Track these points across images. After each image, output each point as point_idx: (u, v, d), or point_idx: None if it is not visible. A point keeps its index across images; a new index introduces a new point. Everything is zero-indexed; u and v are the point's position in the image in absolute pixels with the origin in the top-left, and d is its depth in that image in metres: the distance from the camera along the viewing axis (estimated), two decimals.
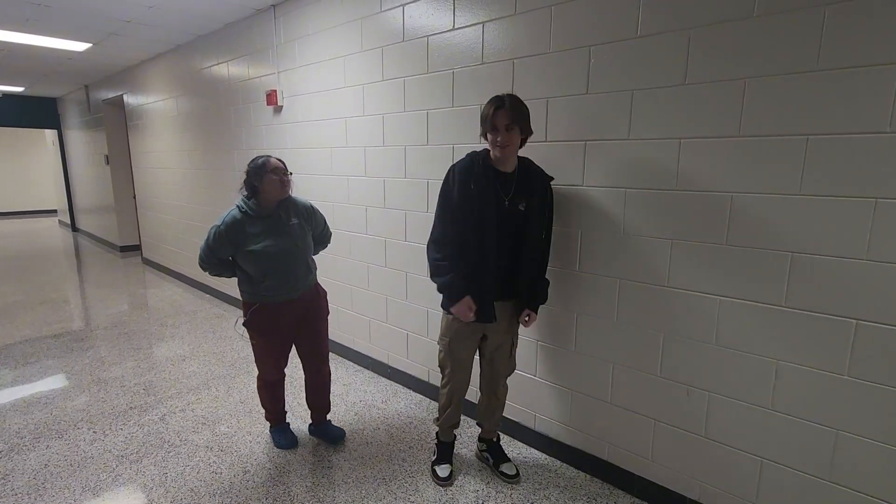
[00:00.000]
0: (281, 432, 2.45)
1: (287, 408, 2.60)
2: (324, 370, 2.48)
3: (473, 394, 2.43)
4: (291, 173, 2.22)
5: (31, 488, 2.16)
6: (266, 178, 2.11)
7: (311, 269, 2.34)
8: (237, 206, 2.16)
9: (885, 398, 1.50)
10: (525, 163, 2.03)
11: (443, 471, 2.24)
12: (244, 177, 2.17)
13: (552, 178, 2.06)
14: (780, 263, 1.64)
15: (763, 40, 1.59)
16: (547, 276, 2.14)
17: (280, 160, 2.18)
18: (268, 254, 2.13)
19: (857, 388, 1.55)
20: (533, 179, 1.99)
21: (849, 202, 1.50)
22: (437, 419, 2.28)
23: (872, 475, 1.55)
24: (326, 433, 2.54)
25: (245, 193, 2.18)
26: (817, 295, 1.58)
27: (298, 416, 2.71)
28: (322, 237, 2.43)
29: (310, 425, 2.60)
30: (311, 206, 2.35)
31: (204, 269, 2.25)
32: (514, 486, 2.20)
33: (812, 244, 1.57)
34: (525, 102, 1.90)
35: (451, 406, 2.23)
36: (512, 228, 1.97)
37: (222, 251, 2.17)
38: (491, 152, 1.94)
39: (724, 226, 1.74)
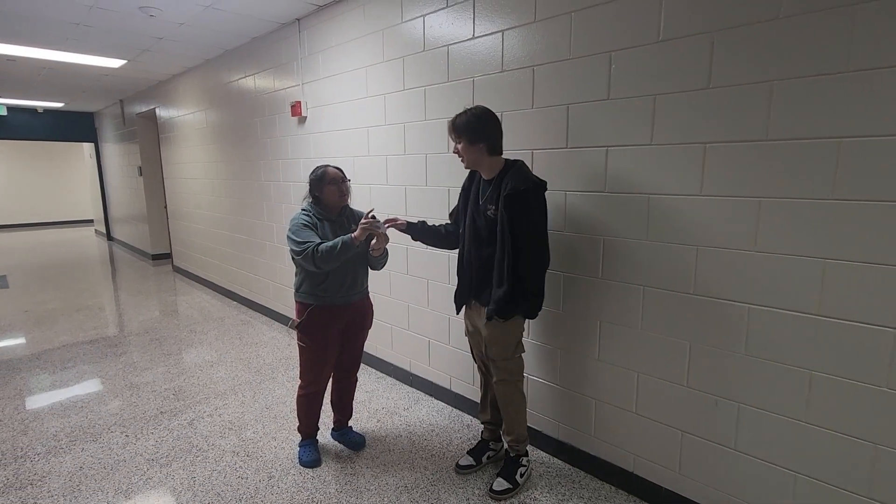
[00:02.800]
0: (308, 449, 2.44)
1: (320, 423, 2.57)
2: (353, 376, 2.54)
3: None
4: (350, 180, 2.33)
5: (67, 490, 2.24)
6: (326, 188, 2.23)
7: (366, 277, 2.41)
8: (303, 211, 2.26)
9: None
10: (508, 167, 2.03)
11: (463, 459, 2.36)
12: (308, 186, 2.29)
13: (532, 184, 1.92)
14: (812, 270, 1.58)
15: (790, 42, 1.55)
16: (518, 291, 1.96)
17: (338, 168, 2.29)
18: None
19: None
20: (503, 186, 1.96)
21: (884, 206, 1.44)
22: None
23: None
24: (348, 439, 2.56)
25: (309, 200, 2.30)
26: (853, 303, 1.52)
27: (321, 423, 2.73)
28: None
29: (332, 430, 2.63)
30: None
31: (308, 258, 2.08)
32: (497, 500, 2.13)
33: (844, 250, 1.52)
34: (485, 113, 1.99)
35: (480, 400, 2.41)
36: (484, 233, 2.05)
37: (313, 235, 2.14)
38: None
39: (753, 231, 1.69)
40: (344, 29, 3.28)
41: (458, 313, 2.30)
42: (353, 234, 2.08)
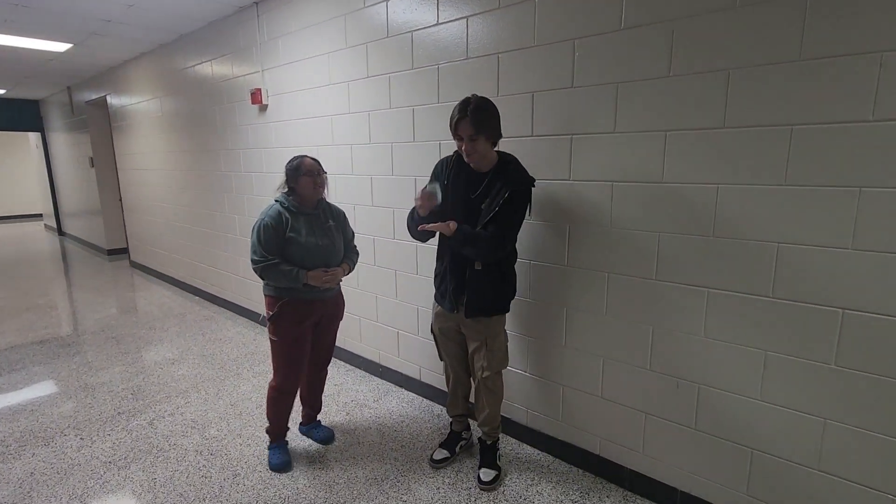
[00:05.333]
0: (278, 452, 2.35)
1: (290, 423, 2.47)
2: (324, 370, 2.50)
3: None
4: (326, 173, 2.26)
5: (18, 497, 2.12)
6: (300, 179, 2.17)
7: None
8: (278, 201, 2.19)
9: (870, 387, 1.51)
10: (505, 162, 1.99)
11: (437, 453, 2.33)
12: (284, 176, 2.22)
13: (531, 182, 1.96)
14: (765, 254, 1.64)
15: (745, 31, 1.58)
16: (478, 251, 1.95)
17: (315, 160, 2.23)
18: (308, 248, 2.15)
19: (843, 377, 1.55)
20: (505, 181, 1.92)
21: (833, 191, 1.50)
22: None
23: (859, 463, 1.56)
24: (317, 433, 2.53)
25: (284, 190, 2.23)
26: (803, 285, 1.58)
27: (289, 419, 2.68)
28: (350, 247, 2.41)
29: (300, 424, 2.59)
30: (345, 214, 2.40)
31: (261, 271, 2.12)
32: (490, 489, 2.14)
33: (797, 234, 1.57)
34: (493, 103, 1.92)
35: (449, 396, 2.38)
36: (474, 226, 1.98)
37: (274, 244, 2.11)
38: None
39: (710, 217, 1.73)
40: (304, 13, 3.18)
41: (455, 312, 2.11)
42: (307, 276, 2.11)
